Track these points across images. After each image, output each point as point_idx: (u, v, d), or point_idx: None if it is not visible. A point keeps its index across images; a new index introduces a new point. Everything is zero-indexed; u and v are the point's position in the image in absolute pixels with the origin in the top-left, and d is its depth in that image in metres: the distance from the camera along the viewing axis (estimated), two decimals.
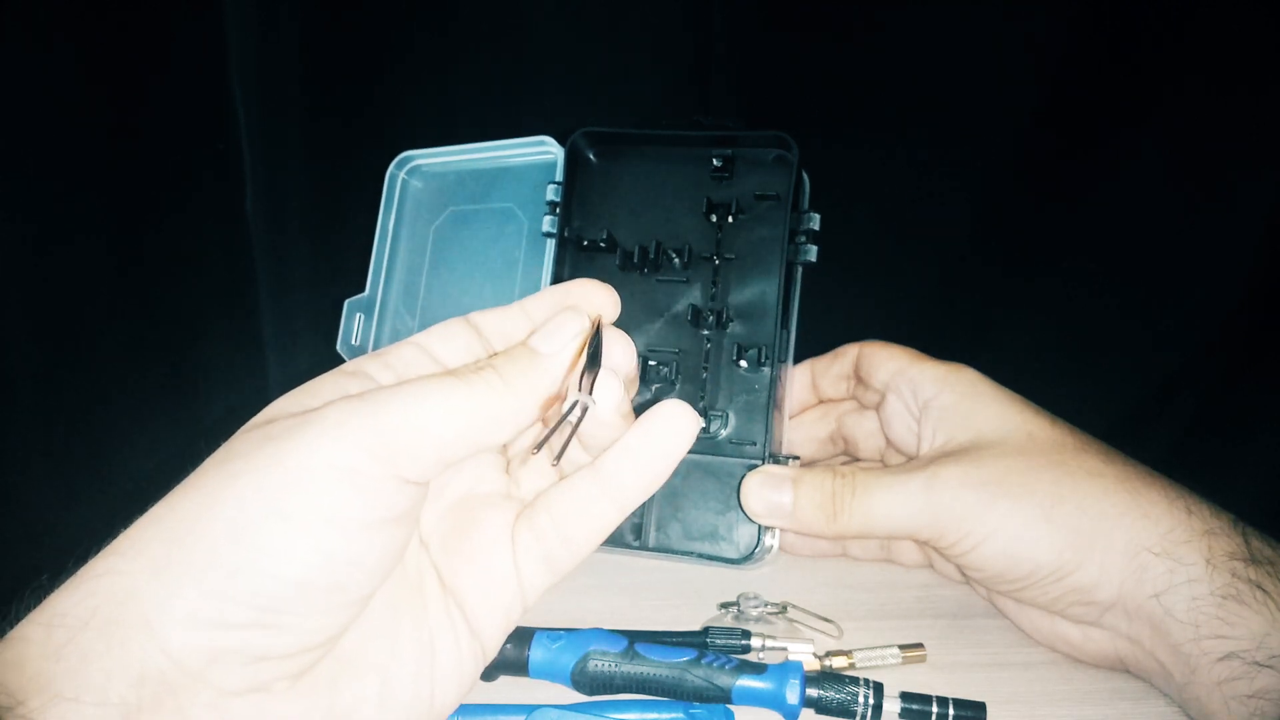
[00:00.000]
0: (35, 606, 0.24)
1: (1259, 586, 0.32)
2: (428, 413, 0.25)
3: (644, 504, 0.46)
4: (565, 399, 0.28)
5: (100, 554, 0.24)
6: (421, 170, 0.61)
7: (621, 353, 0.30)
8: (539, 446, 0.26)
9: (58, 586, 0.24)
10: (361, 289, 0.60)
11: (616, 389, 0.28)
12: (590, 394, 0.27)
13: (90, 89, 0.63)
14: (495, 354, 0.28)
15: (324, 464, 0.24)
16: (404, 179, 0.60)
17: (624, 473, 0.28)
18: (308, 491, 0.24)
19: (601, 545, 0.46)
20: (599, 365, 0.28)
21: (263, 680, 0.24)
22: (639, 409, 0.29)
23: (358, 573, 0.25)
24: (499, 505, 0.30)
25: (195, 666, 0.23)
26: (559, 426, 0.27)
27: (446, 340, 0.30)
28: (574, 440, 0.30)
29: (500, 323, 0.31)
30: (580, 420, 0.27)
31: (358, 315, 0.59)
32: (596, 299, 0.31)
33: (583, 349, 0.28)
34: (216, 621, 0.23)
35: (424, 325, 0.58)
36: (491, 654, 0.29)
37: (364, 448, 0.25)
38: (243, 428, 0.27)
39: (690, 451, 0.47)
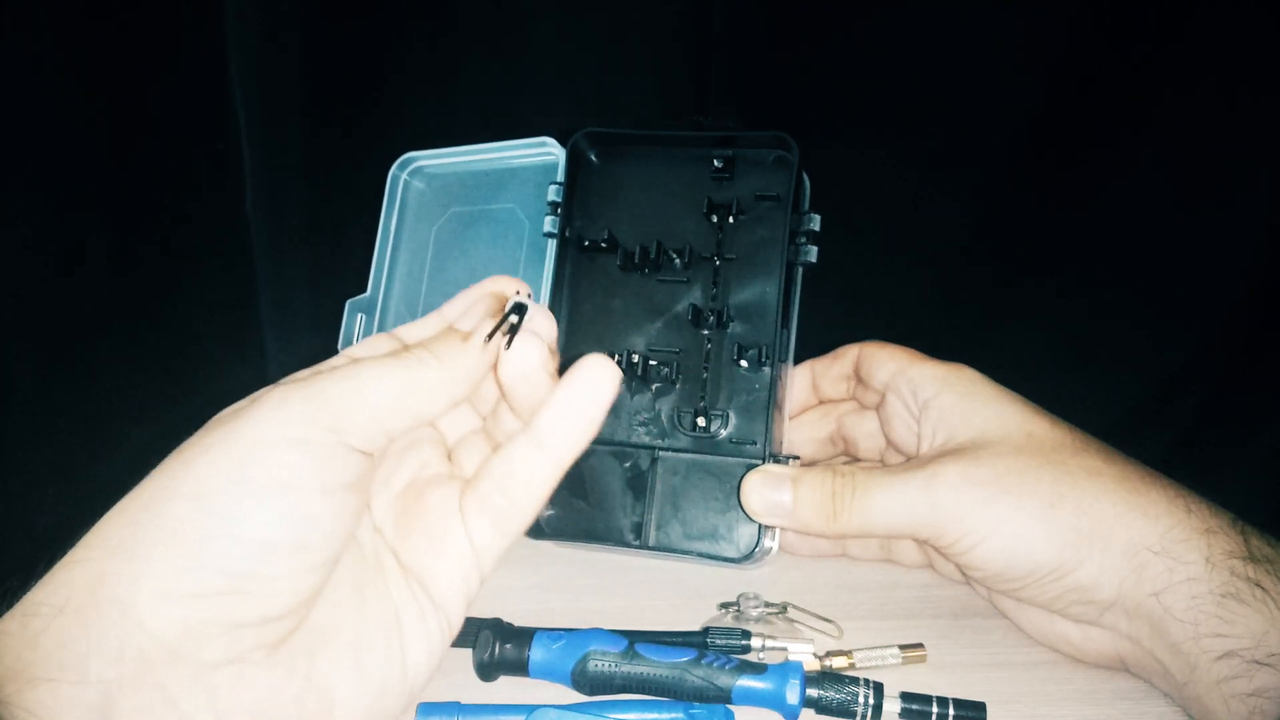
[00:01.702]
0: (8, 608, 0.24)
1: (1258, 585, 0.32)
2: (367, 384, 0.28)
3: (644, 503, 0.47)
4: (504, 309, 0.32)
5: (71, 549, 0.25)
6: (423, 171, 0.61)
7: (542, 320, 0.32)
8: (489, 337, 0.30)
9: (30, 588, 0.25)
10: (363, 289, 0.60)
11: (541, 349, 0.31)
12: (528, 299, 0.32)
13: (91, 90, 0.63)
14: (428, 338, 0.31)
15: (276, 435, 0.26)
16: (406, 180, 0.60)
17: (555, 427, 0.30)
18: (264, 460, 0.26)
19: (601, 545, 0.47)
20: (524, 314, 0.32)
21: (240, 650, 0.25)
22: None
23: (318, 533, 0.27)
24: (444, 484, 0.32)
25: (172, 640, 0.24)
26: (503, 324, 0.31)
27: (373, 349, 0.32)
28: (506, 411, 0.33)
29: (421, 330, 0.33)
30: (522, 319, 0.31)
31: (359, 315, 0.59)
32: (506, 286, 0.34)
33: (499, 318, 0.31)
34: (189, 591, 0.24)
35: None
36: (457, 624, 0.31)
37: (311, 418, 0.27)
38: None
39: (690, 451, 0.47)
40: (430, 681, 0.31)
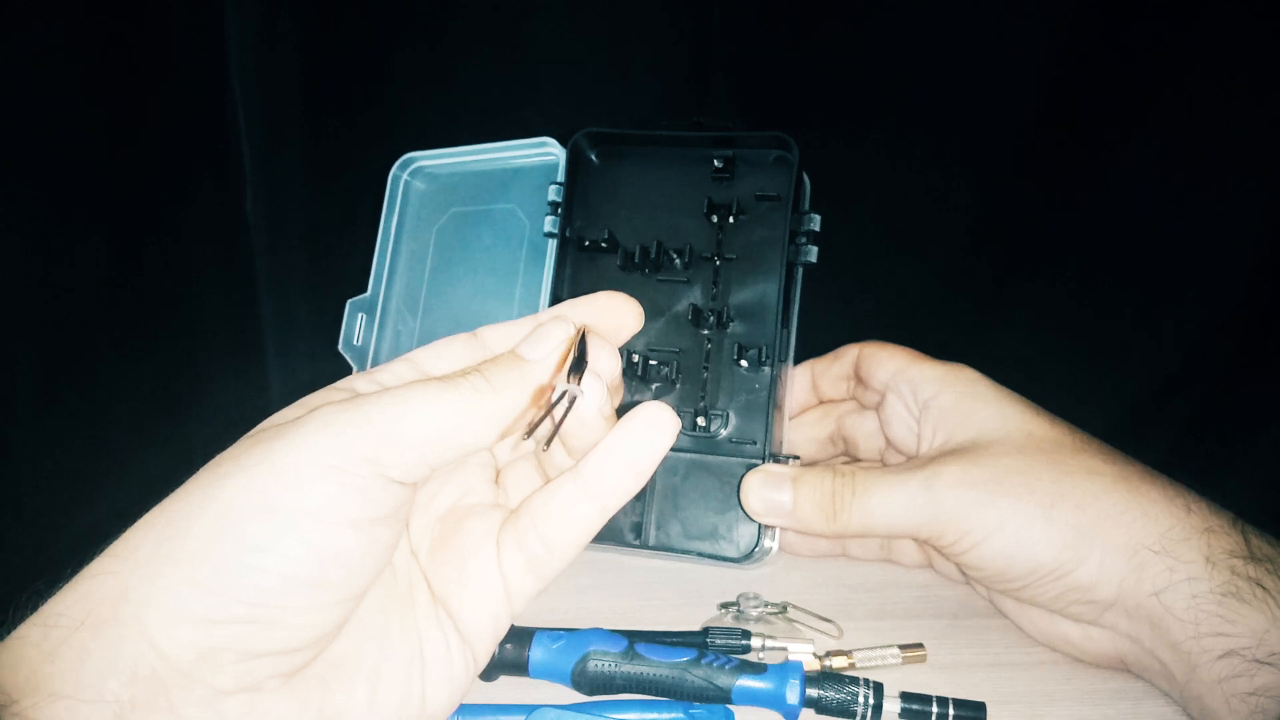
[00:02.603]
0: (33, 611, 0.24)
1: (1258, 584, 0.32)
2: (412, 413, 0.26)
3: (644, 502, 0.47)
4: (553, 391, 0.28)
5: (98, 557, 0.25)
6: (424, 171, 0.61)
7: (605, 359, 0.30)
8: (529, 432, 0.27)
9: (55, 591, 0.24)
10: (364, 289, 0.60)
11: (599, 391, 0.29)
12: (579, 386, 0.28)
13: (91, 92, 0.63)
14: (484, 361, 0.29)
15: (311, 462, 0.25)
16: (407, 180, 0.60)
17: (604, 474, 0.28)
18: (295, 489, 0.25)
19: (601, 544, 0.47)
20: (584, 366, 0.28)
21: (255, 679, 0.25)
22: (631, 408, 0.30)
23: (343, 569, 0.26)
24: (486, 514, 0.30)
25: (186, 663, 0.24)
26: (548, 415, 0.27)
27: (440, 354, 0.31)
28: (558, 444, 0.31)
29: (508, 335, 0.31)
30: (569, 409, 0.27)
31: (360, 315, 0.59)
32: (620, 311, 0.32)
33: (568, 353, 0.29)
34: (205, 617, 0.24)
35: (426, 325, 0.59)
36: (483, 660, 0.29)
37: (350, 447, 0.25)
38: (240, 439, 0.27)
39: (690, 451, 0.47)
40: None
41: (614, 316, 0.32)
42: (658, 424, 0.28)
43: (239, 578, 0.24)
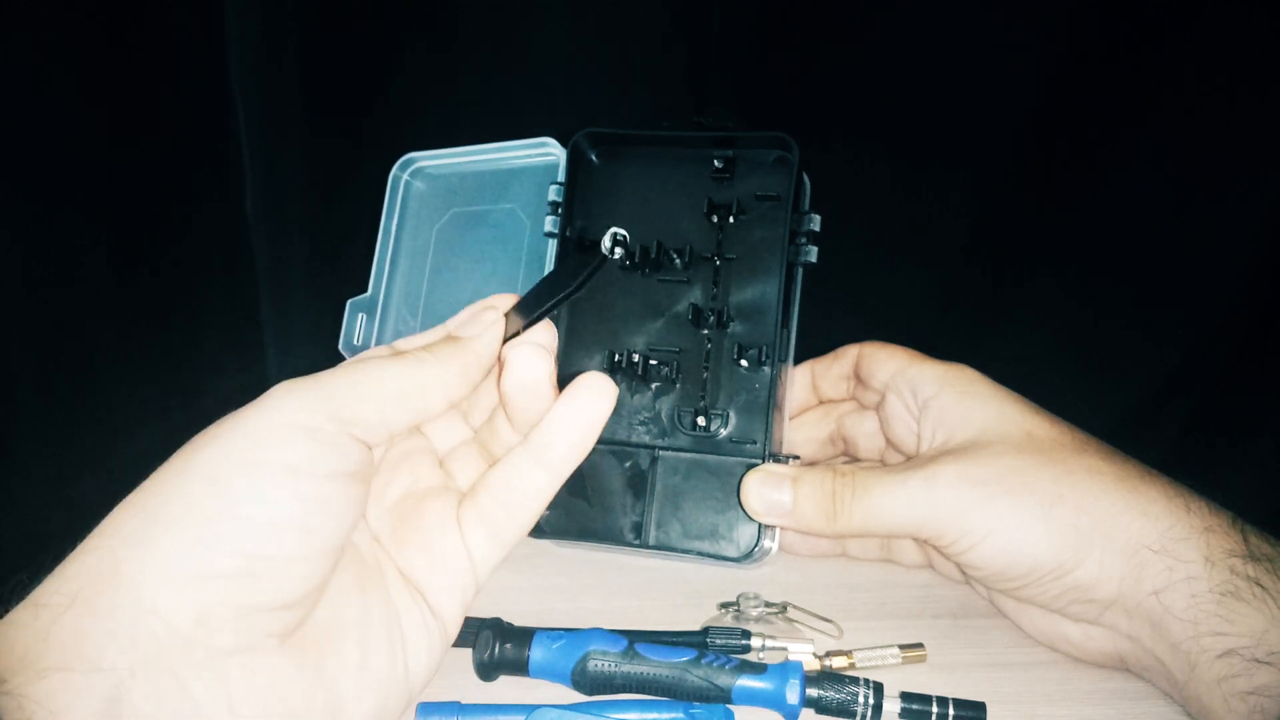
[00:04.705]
0: (20, 600, 0.24)
1: (1258, 583, 0.32)
2: (369, 378, 0.29)
3: (644, 502, 0.47)
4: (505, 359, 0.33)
5: (85, 539, 0.26)
6: (425, 172, 0.61)
7: (543, 333, 0.34)
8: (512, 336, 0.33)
9: (41, 580, 0.25)
10: (364, 289, 0.60)
11: (546, 361, 0.32)
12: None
13: (92, 93, 0.63)
14: (428, 344, 0.33)
15: (284, 422, 0.27)
16: (407, 180, 0.60)
17: (553, 441, 0.32)
18: (272, 445, 0.26)
19: (601, 544, 0.47)
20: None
21: (251, 638, 0.26)
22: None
23: (326, 517, 0.27)
24: (441, 495, 0.33)
25: (184, 625, 0.24)
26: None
27: (375, 354, 0.33)
28: (504, 422, 0.34)
29: (424, 340, 0.34)
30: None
31: (360, 315, 0.59)
32: (501, 304, 0.35)
33: (505, 328, 0.34)
34: (199, 572, 0.25)
35: (426, 325, 0.59)
36: (453, 632, 0.32)
37: (316, 408, 0.27)
38: None
39: (690, 451, 0.47)
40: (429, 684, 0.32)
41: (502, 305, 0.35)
42: (597, 391, 0.32)
43: (231, 528, 0.25)
